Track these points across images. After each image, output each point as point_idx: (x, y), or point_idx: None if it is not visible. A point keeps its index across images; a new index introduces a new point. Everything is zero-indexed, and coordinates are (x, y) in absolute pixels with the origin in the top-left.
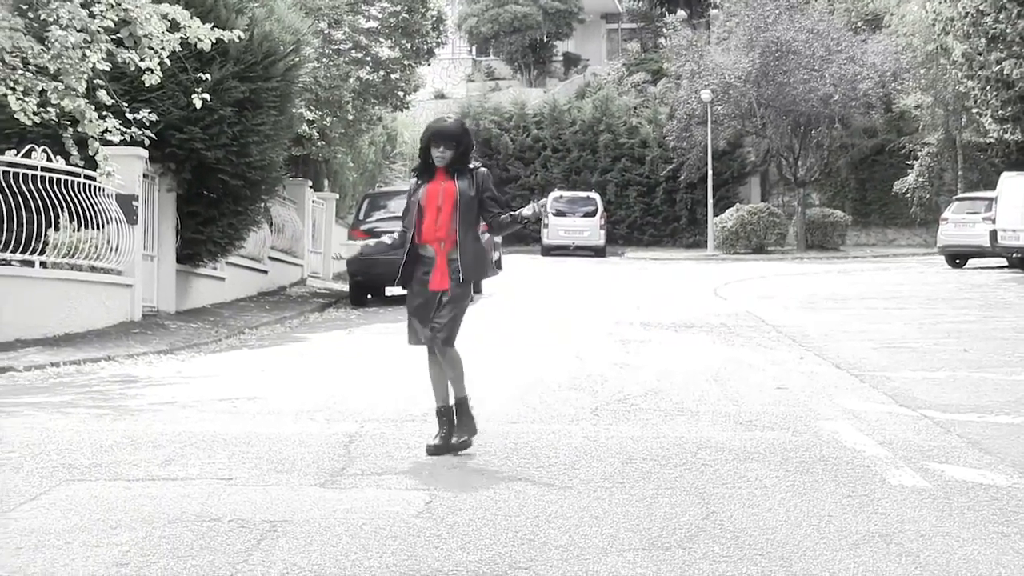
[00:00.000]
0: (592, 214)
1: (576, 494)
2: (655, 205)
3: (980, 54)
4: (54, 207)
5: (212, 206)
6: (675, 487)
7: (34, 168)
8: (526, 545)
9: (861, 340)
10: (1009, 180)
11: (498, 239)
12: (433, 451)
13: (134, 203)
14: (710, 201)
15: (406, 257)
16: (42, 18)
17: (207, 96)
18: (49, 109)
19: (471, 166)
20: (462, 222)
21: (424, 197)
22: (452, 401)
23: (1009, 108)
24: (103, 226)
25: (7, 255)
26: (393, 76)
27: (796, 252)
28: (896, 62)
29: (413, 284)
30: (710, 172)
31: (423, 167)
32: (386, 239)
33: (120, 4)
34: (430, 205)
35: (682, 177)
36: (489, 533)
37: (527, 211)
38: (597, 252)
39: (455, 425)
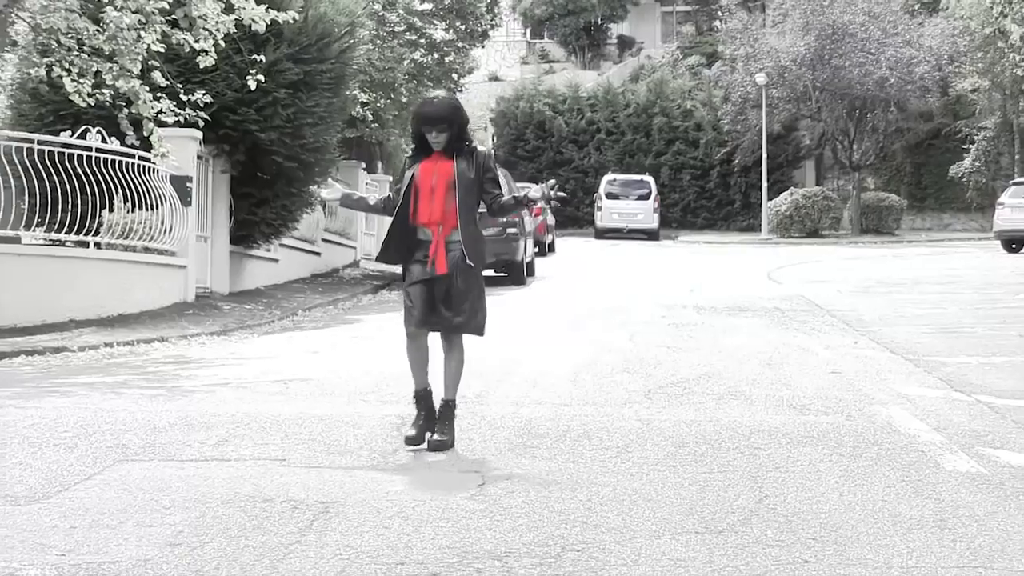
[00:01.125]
0: (646, 197)
1: (629, 477)
2: (709, 188)
3: None
4: (108, 188)
5: (266, 187)
6: (728, 471)
7: (89, 149)
8: (579, 527)
9: (916, 325)
10: None
11: (551, 221)
12: (411, 441)
13: (188, 184)
14: (764, 185)
15: (395, 233)
16: (97, 0)
17: (261, 78)
18: (104, 90)
19: (471, 146)
20: (462, 205)
21: (418, 176)
22: (443, 396)
23: None
24: (157, 207)
25: (62, 236)
26: (447, 58)
27: (851, 236)
28: (953, 45)
29: (411, 265)
30: (764, 156)
31: (419, 147)
32: (370, 199)
33: None
34: (424, 184)
35: (736, 160)
36: (542, 515)
37: (535, 192)
38: (650, 235)
39: (437, 421)
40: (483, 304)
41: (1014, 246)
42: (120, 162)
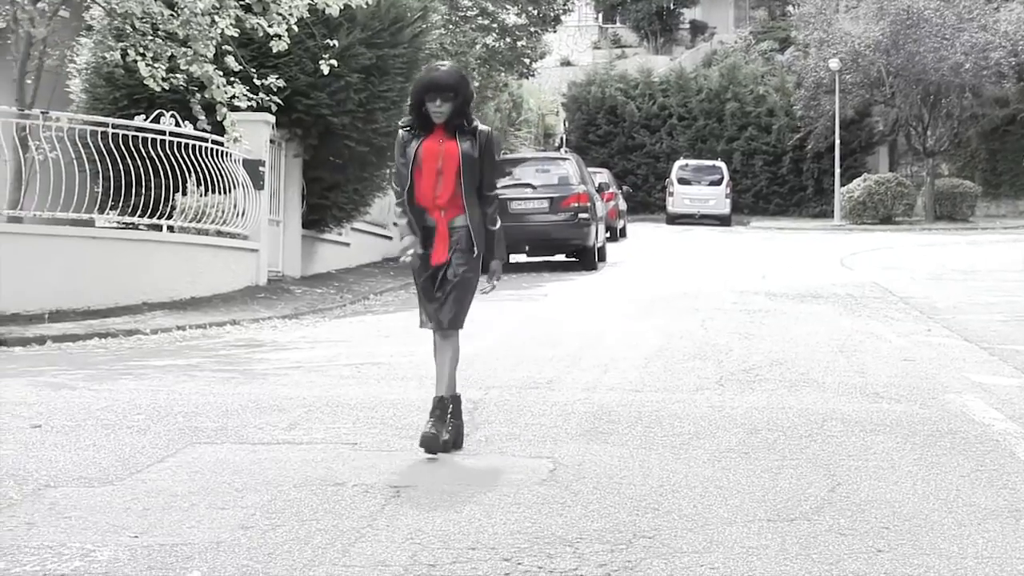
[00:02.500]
0: (718, 183)
1: (701, 464)
2: (781, 174)
3: None
4: (182, 172)
5: (338, 172)
6: (800, 458)
7: (162, 133)
8: (651, 514)
9: (991, 312)
10: None
11: (623, 207)
12: (431, 442)
13: (261, 168)
14: (837, 171)
15: (413, 215)
16: None
17: (334, 62)
18: (178, 75)
19: (473, 125)
20: (467, 188)
21: (421, 155)
22: (436, 393)
23: None
24: (230, 191)
25: (135, 219)
26: (519, 43)
27: (924, 223)
28: None
29: (418, 255)
30: (837, 141)
31: (417, 122)
32: (403, 222)
33: None
34: (428, 166)
35: (809, 146)
36: (613, 501)
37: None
38: (722, 221)
39: (433, 418)
40: (470, 299)
41: None
42: (193, 146)
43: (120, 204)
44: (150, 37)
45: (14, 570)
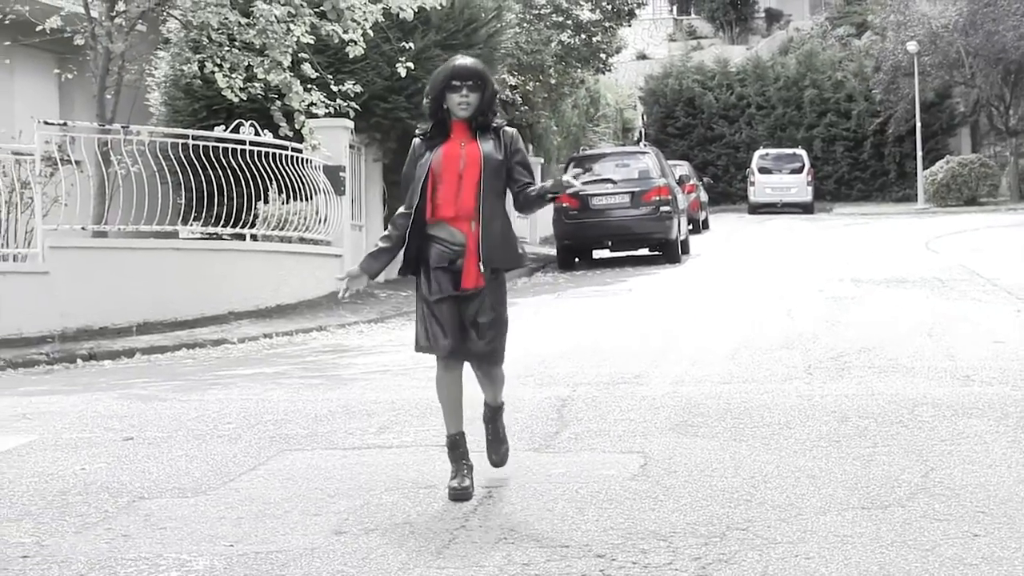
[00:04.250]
0: (799, 171)
1: (792, 454)
2: (863, 160)
3: None
4: (263, 180)
5: None
6: (892, 445)
7: (242, 143)
8: (743, 506)
9: None
10: None
11: (704, 198)
12: (463, 495)
13: (341, 174)
14: (919, 154)
15: (415, 236)
16: None
17: (411, 65)
18: (255, 84)
19: (495, 123)
20: (487, 194)
21: (440, 161)
22: (487, 402)
23: None
24: (311, 197)
25: (219, 229)
26: (594, 39)
27: (1010, 203)
28: None
29: (433, 273)
30: (918, 124)
31: (435, 126)
32: (382, 243)
33: None
34: (449, 172)
35: (890, 130)
36: (705, 494)
37: (550, 184)
38: (805, 208)
39: (488, 435)
40: (507, 328)
41: None
42: (273, 154)
43: (203, 215)
44: (227, 48)
45: None
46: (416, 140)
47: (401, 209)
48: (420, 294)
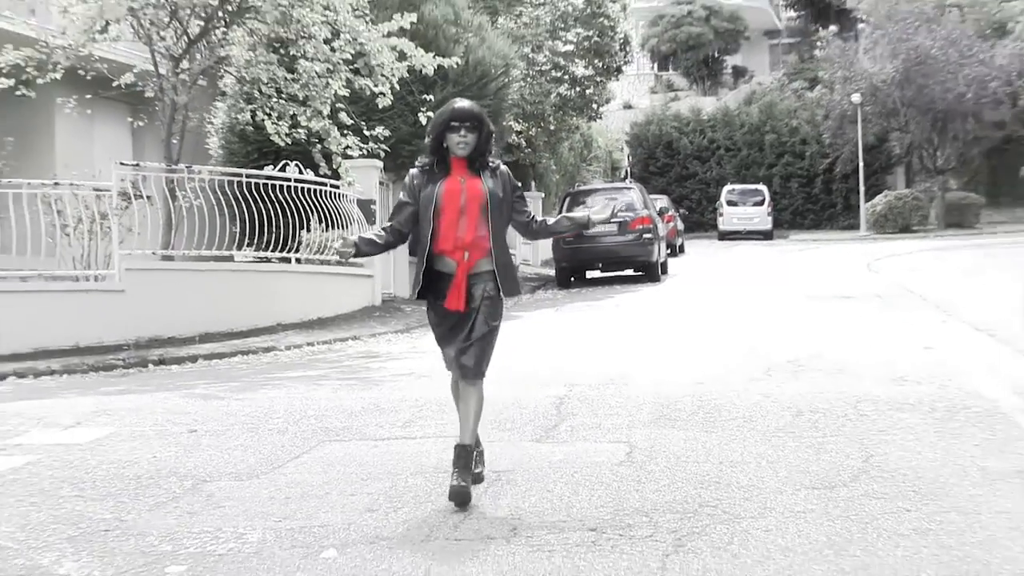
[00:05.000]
0: (760, 203)
1: (754, 443)
2: (814, 194)
3: None
4: (305, 212)
5: None
6: (838, 435)
7: (288, 180)
8: (713, 487)
9: (996, 305)
10: None
11: (680, 227)
12: (462, 497)
13: (372, 207)
14: (862, 189)
15: (425, 267)
16: (292, 54)
17: (431, 114)
18: (299, 130)
19: (495, 163)
20: (495, 228)
21: (442, 196)
22: (458, 441)
23: None
24: (346, 226)
25: (268, 254)
26: (587, 91)
27: (937, 231)
28: (1021, 63)
29: (434, 306)
30: (861, 164)
31: (436, 161)
32: (375, 238)
33: (356, 40)
34: (450, 206)
35: (837, 169)
36: (681, 477)
37: (597, 216)
38: (765, 236)
39: (458, 469)
40: (493, 345)
41: None
42: (314, 189)
43: (254, 241)
44: (275, 99)
45: (180, 552)
46: (414, 171)
47: (390, 224)
48: (431, 325)
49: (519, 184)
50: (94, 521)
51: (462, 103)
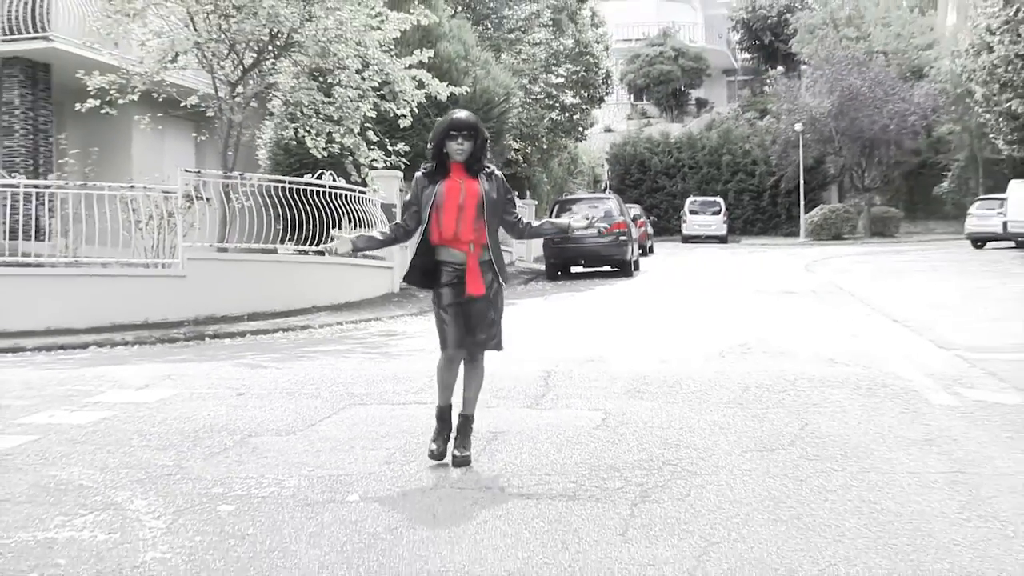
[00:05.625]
0: (718, 213)
1: (709, 411)
2: (763, 206)
3: (995, 95)
4: (336, 213)
5: None
6: (779, 407)
7: (323, 186)
8: (673, 448)
9: (911, 300)
10: (1016, 185)
11: (651, 231)
12: (437, 456)
13: (393, 210)
14: (802, 203)
15: (422, 254)
16: (329, 81)
17: None
18: (333, 145)
19: (488, 169)
20: (490, 225)
21: (443, 195)
22: (462, 411)
23: (1016, 134)
24: (371, 226)
25: (306, 247)
26: (574, 116)
27: (863, 239)
28: (935, 101)
29: (442, 289)
30: (801, 182)
31: (437, 165)
32: (376, 234)
33: (383, 70)
34: (450, 204)
35: (782, 186)
36: (648, 440)
37: (578, 222)
38: (721, 240)
39: (457, 436)
40: (502, 321)
41: (979, 244)
42: (345, 194)
43: (295, 237)
44: (314, 119)
45: (230, 494)
46: (419, 174)
47: (398, 221)
48: (435, 305)
49: (511, 189)
50: (158, 467)
51: (460, 114)
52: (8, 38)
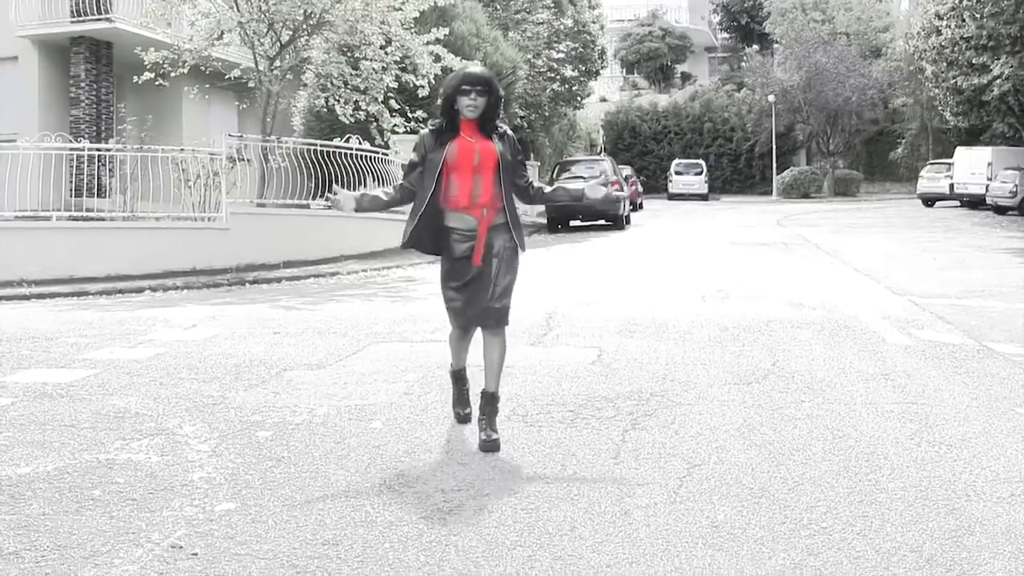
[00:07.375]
0: (700, 174)
1: (692, 349)
2: (739, 168)
3: (943, 73)
4: (361, 172)
5: None
6: (753, 345)
7: (350, 149)
8: (660, 381)
9: (870, 252)
10: (961, 152)
11: (640, 189)
12: (466, 418)
13: None
14: (774, 165)
15: (427, 217)
16: (356, 56)
17: None
18: (360, 112)
19: (501, 129)
20: (507, 188)
21: (455, 155)
22: (485, 388)
23: (961, 107)
24: (391, 183)
25: None
26: (573, 88)
27: (828, 198)
28: (890, 77)
29: (453, 258)
30: (774, 147)
31: (446, 122)
32: (381, 195)
33: (404, 46)
34: (463, 166)
35: (756, 150)
36: (637, 374)
37: (594, 191)
38: (703, 198)
39: (483, 416)
40: (511, 294)
41: (929, 203)
42: (369, 156)
43: (325, 194)
44: (342, 89)
45: (267, 421)
46: (425, 132)
47: (402, 182)
48: (443, 279)
49: (521, 151)
50: (205, 397)
51: (474, 68)
52: (76, 20)
